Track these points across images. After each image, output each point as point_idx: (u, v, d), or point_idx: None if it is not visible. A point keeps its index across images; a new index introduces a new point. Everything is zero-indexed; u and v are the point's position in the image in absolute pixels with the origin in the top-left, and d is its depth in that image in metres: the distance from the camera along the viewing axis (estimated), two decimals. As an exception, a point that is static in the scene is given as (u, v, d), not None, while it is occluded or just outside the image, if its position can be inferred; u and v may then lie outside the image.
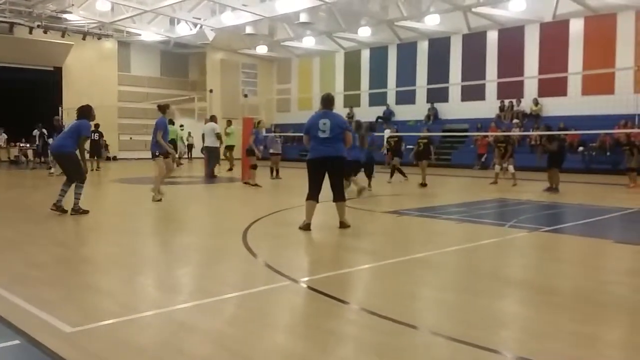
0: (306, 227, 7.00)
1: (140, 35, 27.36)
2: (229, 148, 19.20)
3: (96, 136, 18.78)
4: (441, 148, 24.22)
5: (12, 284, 4.39)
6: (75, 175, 8.17)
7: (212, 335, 3.37)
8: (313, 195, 7.08)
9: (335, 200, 7.14)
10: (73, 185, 8.17)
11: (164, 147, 10.01)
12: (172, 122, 20.63)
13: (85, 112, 8.32)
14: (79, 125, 8.21)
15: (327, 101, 7.24)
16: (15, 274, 4.82)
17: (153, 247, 6.43)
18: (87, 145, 12.78)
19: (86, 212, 8.15)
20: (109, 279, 4.82)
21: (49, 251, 5.94)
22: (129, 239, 6.92)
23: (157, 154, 10.04)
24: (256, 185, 13.37)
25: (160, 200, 10.03)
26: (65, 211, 8.23)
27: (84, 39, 25.15)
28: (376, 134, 15.85)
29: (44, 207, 8.50)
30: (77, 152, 8.34)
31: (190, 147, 28.63)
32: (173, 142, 17.02)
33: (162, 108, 10.25)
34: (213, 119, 16.46)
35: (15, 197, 11.68)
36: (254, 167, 13.68)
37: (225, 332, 3.44)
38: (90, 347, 3.15)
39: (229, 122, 19.75)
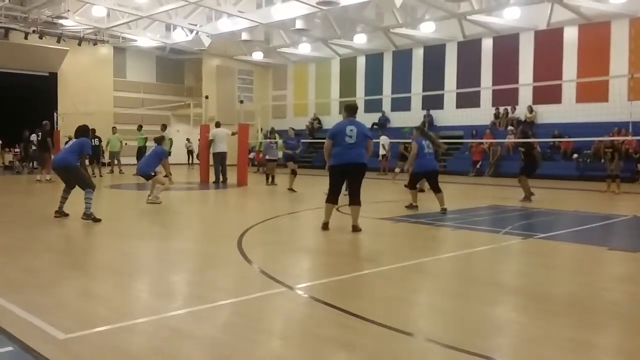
0: (324, 226, 7.41)
1: (136, 41, 27.35)
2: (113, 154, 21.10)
3: (96, 141, 18.91)
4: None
5: (5, 290, 4.37)
6: (84, 185, 8.41)
7: (206, 342, 3.35)
8: (333, 198, 7.45)
9: (351, 203, 7.40)
10: (83, 192, 8.33)
11: None
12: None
13: (84, 131, 8.87)
14: (82, 143, 8.63)
15: (352, 109, 7.69)
16: (9, 279, 4.80)
17: (147, 252, 6.40)
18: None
19: (98, 220, 8.19)
20: (102, 285, 4.80)
21: (43, 257, 5.92)
22: (123, 244, 6.91)
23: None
24: (291, 190, 12.99)
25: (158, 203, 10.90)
26: (67, 214, 8.52)
27: (79, 44, 25.11)
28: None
29: (38, 212, 8.47)
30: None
31: (190, 153, 28.61)
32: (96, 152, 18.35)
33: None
34: (219, 124, 16.39)
35: (9, 203, 11.62)
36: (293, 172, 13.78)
37: (219, 339, 3.43)
38: (83, 354, 3.14)
39: (114, 129, 21.01)
